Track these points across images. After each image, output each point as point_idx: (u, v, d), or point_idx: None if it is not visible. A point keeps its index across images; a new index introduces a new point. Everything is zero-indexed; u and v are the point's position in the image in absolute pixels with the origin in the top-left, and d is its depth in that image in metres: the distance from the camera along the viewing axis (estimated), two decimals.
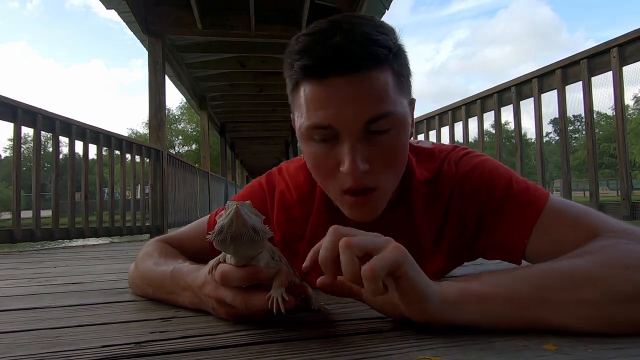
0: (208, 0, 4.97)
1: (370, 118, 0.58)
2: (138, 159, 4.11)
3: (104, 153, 3.51)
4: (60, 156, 3.22)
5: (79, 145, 3.19)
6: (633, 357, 0.42)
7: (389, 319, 0.59)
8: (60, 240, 3.09)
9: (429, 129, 3.66)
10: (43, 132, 2.85)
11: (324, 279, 0.53)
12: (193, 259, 0.79)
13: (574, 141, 36.41)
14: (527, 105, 2.67)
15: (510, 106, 2.72)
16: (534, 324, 0.49)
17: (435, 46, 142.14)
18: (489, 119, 3.02)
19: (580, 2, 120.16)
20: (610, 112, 29.52)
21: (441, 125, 3.50)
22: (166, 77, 5.27)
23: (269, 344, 0.51)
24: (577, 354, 0.43)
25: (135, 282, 0.85)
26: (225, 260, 0.58)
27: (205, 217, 0.87)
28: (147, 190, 4.29)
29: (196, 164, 7.35)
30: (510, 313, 0.49)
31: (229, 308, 0.58)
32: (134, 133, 35.69)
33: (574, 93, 2.66)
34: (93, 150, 3.39)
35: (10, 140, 2.99)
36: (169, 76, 6.78)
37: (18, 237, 2.58)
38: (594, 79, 2.13)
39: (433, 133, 3.61)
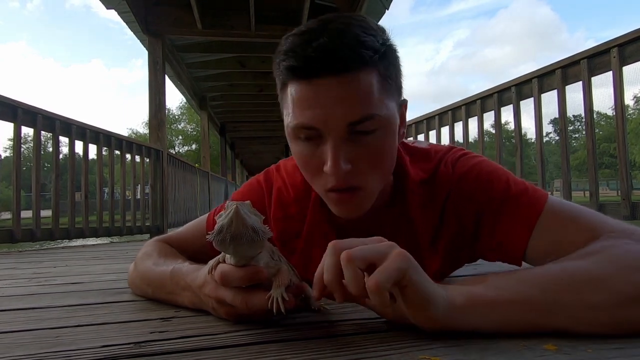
0: (208, 0, 4.98)
1: (353, 120, 0.58)
2: (138, 159, 4.11)
3: (104, 153, 3.51)
4: (60, 156, 3.22)
5: (79, 145, 3.20)
6: (633, 357, 0.42)
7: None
8: (59, 240, 3.09)
9: (429, 129, 3.66)
10: (43, 132, 2.85)
11: (337, 298, 0.51)
12: (192, 258, 0.79)
13: (574, 141, 36.43)
14: (527, 105, 2.67)
15: (510, 106, 2.72)
16: (541, 327, 0.49)
17: (435, 46, 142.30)
18: (489, 119, 3.03)
19: (580, 2, 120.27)
20: (610, 112, 29.53)
21: (441, 125, 3.50)
22: (166, 77, 5.27)
23: (268, 343, 0.51)
24: (578, 354, 0.43)
25: (135, 282, 0.85)
26: (225, 260, 0.58)
27: (204, 216, 0.87)
28: (147, 190, 4.29)
29: (196, 164, 7.35)
30: (518, 318, 0.49)
31: (229, 308, 0.58)
32: (134, 133, 35.72)
33: (574, 93, 2.66)
34: (93, 150, 3.40)
35: (10, 140, 2.99)
36: (169, 76, 6.79)
37: (18, 237, 2.58)
38: (594, 79, 2.13)
39: (433, 133, 3.61)
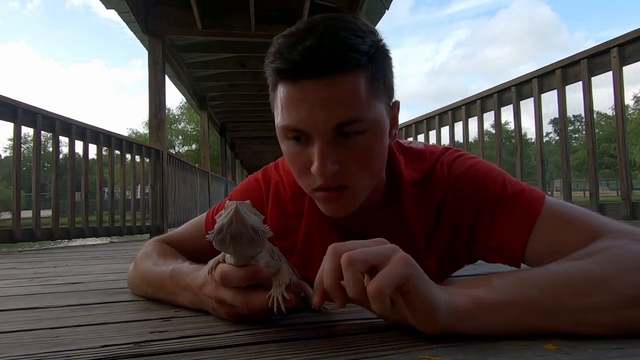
0: (208, 0, 4.98)
1: (338, 123, 0.58)
2: (138, 158, 4.11)
3: (104, 153, 3.51)
4: (60, 156, 3.22)
5: (79, 145, 3.21)
6: (634, 357, 0.42)
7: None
8: (59, 240, 3.09)
9: (429, 129, 3.66)
10: (43, 132, 2.85)
11: (337, 304, 0.50)
12: (192, 257, 0.79)
13: (574, 141, 36.40)
14: (527, 105, 2.67)
15: (510, 106, 2.72)
16: (543, 330, 0.49)
17: (435, 46, 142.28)
18: (489, 119, 3.03)
19: (580, 2, 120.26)
20: (610, 112, 29.53)
21: (441, 125, 3.50)
22: (166, 77, 5.28)
23: (268, 343, 0.51)
24: (578, 354, 0.43)
25: (135, 282, 0.85)
26: (225, 260, 0.58)
27: (203, 215, 0.87)
28: (147, 190, 4.29)
29: (196, 164, 7.35)
30: (520, 321, 0.49)
31: (229, 308, 0.58)
32: (134, 133, 35.72)
33: (574, 93, 2.66)
34: (93, 150, 3.41)
35: (10, 140, 2.99)
36: (169, 76, 6.79)
37: (18, 237, 2.58)
38: (594, 79, 2.13)
39: (433, 133, 3.61)
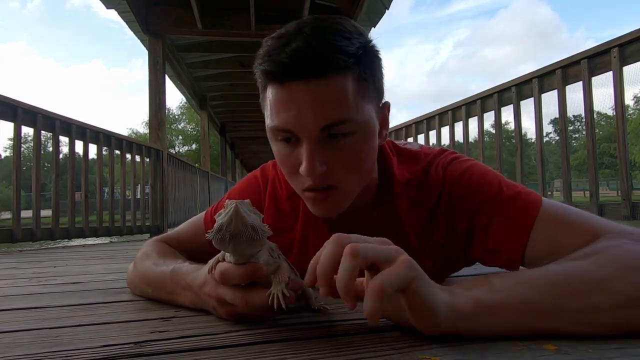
0: (208, 0, 4.98)
1: (325, 124, 0.59)
2: (138, 158, 4.11)
3: (104, 153, 3.51)
4: (60, 156, 3.22)
5: (79, 145, 3.21)
6: (634, 357, 0.42)
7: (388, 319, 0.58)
8: (59, 240, 3.09)
9: (429, 129, 3.66)
10: (43, 132, 2.85)
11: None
12: (191, 256, 0.80)
13: (574, 141, 36.38)
14: (527, 106, 2.67)
15: (511, 106, 2.72)
16: (543, 331, 0.48)
17: (435, 46, 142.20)
18: (489, 119, 3.03)
19: (580, 2, 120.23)
20: (611, 112, 29.52)
21: (441, 125, 3.50)
22: (166, 77, 5.27)
23: (268, 343, 0.51)
24: (578, 354, 0.43)
25: (134, 282, 0.85)
26: (225, 259, 0.58)
27: (202, 214, 0.88)
28: (147, 190, 4.29)
29: (196, 164, 7.35)
30: (520, 322, 0.48)
31: (229, 307, 0.58)
32: (134, 133, 35.71)
33: (574, 93, 2.66)
34: (93, 150, 3.40)
35: (10, 139, 2.99)
36: (169, 76, 6.79)
37: (18, 237, 2.58)
38: (594, 79, 2.13)
39: (433, 133, 3.61)
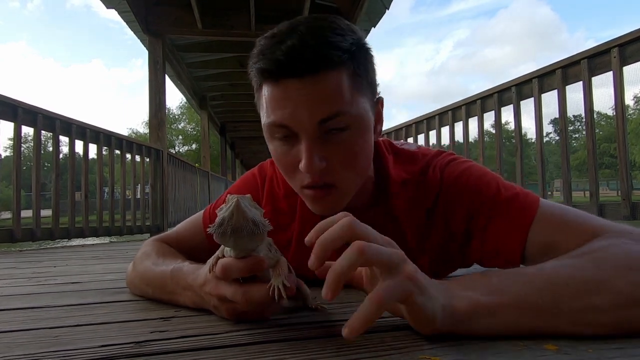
0: (208, 0, 4.98)
1: (322, 118, 0.59)
2: (138, 158, 4.12)
3: (104, 153, 3.51)
4: (61, 156, 3.22)
5: (79, 145, 3.21)
6: (634, 357, 0.42)
7: (388, 319, 0.58)
8: (59, 240, 3.09)
9: (429, 128, 3.66)
10: (43, 132, 2.85)
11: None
12: (190, 255, 0.80)
13: (574, 141, 36.39)
14: (528, 106, 2.67)
15: (511, 106, 2.72)
16: (542, 331, 0.48)
17: (435, 46, 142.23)
18: (489, 119, 3.03)
19: (580, 2, 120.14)
20: (611, 112, 29.50)
21: (441, 125, 3.50)
22: (166, 77, 5.27)
23: (268, 343, 0.51)
24: (578, 354, 0.43)
25: (134, 283, 0.84)
26: (224, 256, 0.59)
27: (200, 213, 0.88)
28: (147, 190, 4.29)
29: (196, 164, 7.35)
30: (519, 322, 0.48)
31: (230, 305, 0.58)
32: (134, 133, 35.72)
33: (575, 93, 2.66)
34: (93, 149, 3.40)
35: (10, 139, 2.99)
36: (169, 76, 6.79)
37: (18, 237, 2.58)
38: (594, 79, 2.13)
39: (433, 133, 3.61)
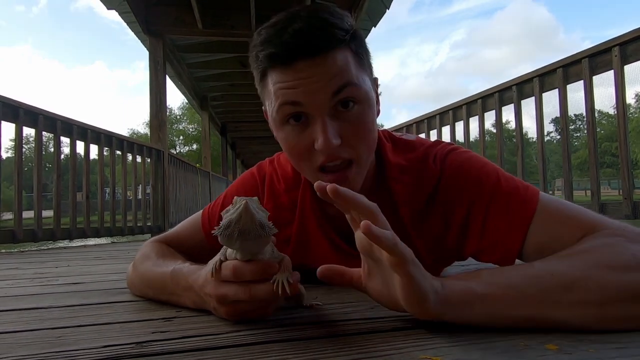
0: (208, 0, 4.98)
1: (335, 89, 0.61)
2: (139, 159, 4.12)
3: (105, 153, 3.51)
4: (62, 156, 3.22)
5: (80, 146, 3.21)
6: (635, 357, 0.42)
7: (389, 319, 0.59)
8: (61, 241, 3.09)
9: (430, 128, 3.66)
10: (44, 133, 2.86)
11: (323, 267, 0.57)
12: (190, 255, 0.80)
13: (575, 140, 36.30)
14: (529, 105, 2.66)
15: (512, 105, 2.72)
16: (535, 321, 0.49)
17: (435, 47, 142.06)
18: (490, 118, 3.02)
19: (574, 3, 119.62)
20: (612, 111, 29.42)
21: (442, 124, 3.49)
22: (167, 77, 5.27)
23: (270, 343, 0.51)
24: (579, 354, 0.43)
25: (134, 284, 0.85)
26: (227, 258, 0.59)
27: (199, 213, 0.88)
28: (148, 190, 4.30)
29: (197, 164, 7.36)
30: (510, 312, 0.50)
31: (230, 307, 0.58)
32: (135, 133, 35.73)
33: (576, 92, 2.65)
34: (94, 150, 3.41)
35: (12, 140, 2.99)
36: (170, 76, 6.79)
37: (20, 237, 2.58)
38: (595, 78, 2.12)
39: (434, 132, 3.60)
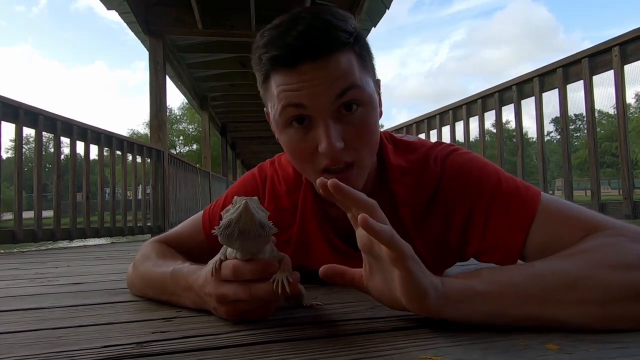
0: (208, 0, 4.97)
1: (338, 93, 0.61)
2: (139, 159, 4.12)
3: (105, 153, 3.51)
4: (62, 157, 3.22)
5: (80, 146, 3.21)
6: (636, 357, 0.42)
7: (389, 319, 0.59)
8: (61, 241, 3.09)
9: (429, 128, 3.66)
10: (45, 133, 2.86)
11: (325, 267, 0.58)
12: (190, 255, 0.80)
13: (575, 140, 36.29)
14: (529, 105, 2.66)
15: (512, 105, 2.72)
16: (536, 320, 0.49)
17: (435, 46, 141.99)
18: (490, 118, 3.02)
19: (574, 3, 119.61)
20: (612, 111, 29.41)
21: (442, 124, 3.49)
22: (167, 78, 5.27)
23: (271, 343, 0.51)
24: (580, 354, 0.43)
25: (134, 284, 0.85)
26: (227, 258, 0.59)
27: (199, 213, 0.89)
28: (148, 191, 4.30)
29: (197, 164, 7.36)
30: (509, 310, 0.50)
31: (229, 306, 0.58)
32: (135, 134, 35.73)
33: (576, 92, 2.65)
34: (94, 150, 3.41)
35: (12, 141, 3.00)
36: (170, 76, 6.79)
37: (20, 238, 2.58)
38: (595, 78, 2.12)
39: (434, 132, 3.60)
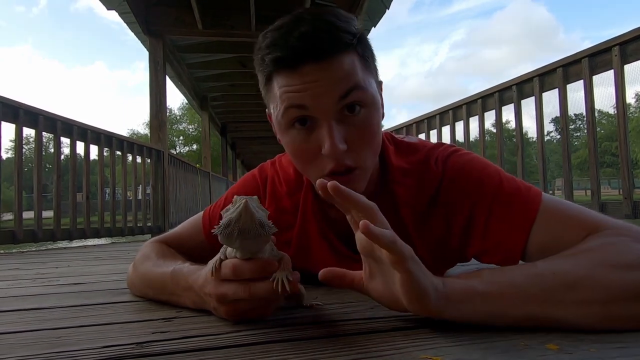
0: (208, 0, 4.98)
1: (342, 93, 0.60)
2: (139, 159, 4.12)
3: (105, 154, 3.51)
4: (62, 157, 3.22)
5: (80, 146, 3.21)
6: (636, 357, 0.42)
7: (389, 319, 0.59)
8: (61, 241, 3.09)
9: (430, 128, 3.66)
10: (45, 133, 2.86)
11: (325, 271, 0.58)
12: (190, 256, 0.80)
13: (575, 140, 36.28)
14: (529, 105, 2.66)
15: (512, 105, 2.72)
16: (536, 320, 0.49)
17: (435, 46, 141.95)
18: (490, 118, 3.02)
19: (574, 3, 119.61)
20: (612, 111, 29.41)
21: (442, 124, 3.49)
22: (167, 78, 5.27)
23: (272, 343, 0.51)
24: (580, 354, 0.43)
25: (135, 284, 0.85)
26: (227, 257, 0.59)
27: (200, 214, 0.89)
28: (148, 191, 4.30)
29: (197, 164, 7.36)
30: (513, 311, 0.50)
31: (229, 306, 0.58)
32: (135, 134, 35.74)
33: (575, 92, 2.65)
34: (94, 151, 3.41)
35: (12, 141, 3.00)
36: (170, 77, 6.79)
37: (20, 238, 2.58)
38: (595, 78, 2.12)
39: (434, 132, 3.60)
